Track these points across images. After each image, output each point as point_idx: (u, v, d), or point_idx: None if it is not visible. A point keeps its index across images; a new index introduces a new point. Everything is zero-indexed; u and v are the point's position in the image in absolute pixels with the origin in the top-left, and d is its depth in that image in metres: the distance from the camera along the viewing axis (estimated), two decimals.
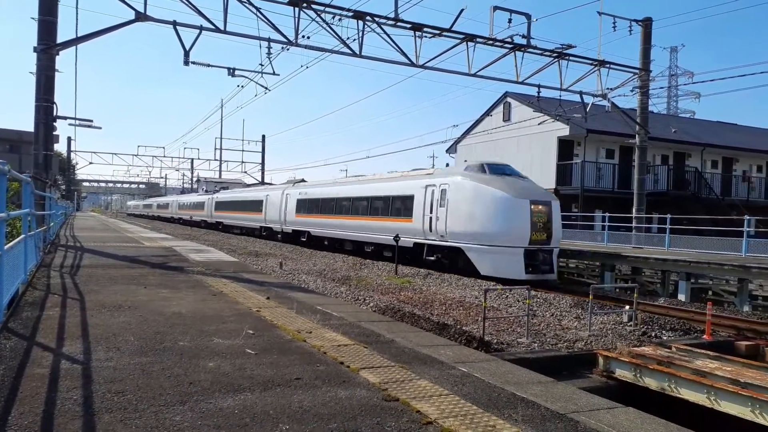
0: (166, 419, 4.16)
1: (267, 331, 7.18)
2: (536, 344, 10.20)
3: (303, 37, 16.65)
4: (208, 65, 19.24)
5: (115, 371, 5.27)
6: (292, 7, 15.67)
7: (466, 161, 27.08)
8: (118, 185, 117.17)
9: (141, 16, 14.97)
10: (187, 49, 15.83)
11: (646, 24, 19.75)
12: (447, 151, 42.72)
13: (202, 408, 4.41)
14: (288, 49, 17.62)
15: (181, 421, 4.15)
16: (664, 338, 11.27)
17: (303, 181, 37.25)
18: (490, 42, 17.06)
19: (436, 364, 5.76)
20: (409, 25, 16.40)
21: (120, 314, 7.97)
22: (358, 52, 16.56)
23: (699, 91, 64.64)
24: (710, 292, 17.88)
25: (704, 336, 11.40)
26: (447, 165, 34.12)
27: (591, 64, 18.36)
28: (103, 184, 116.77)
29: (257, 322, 7.73)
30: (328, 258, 23.75)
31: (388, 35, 16.44)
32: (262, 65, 18.52)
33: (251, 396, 4.71)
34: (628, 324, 11.98)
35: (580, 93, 18.92)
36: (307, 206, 30.84)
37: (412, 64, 16.95)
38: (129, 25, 15.32)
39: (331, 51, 16.76)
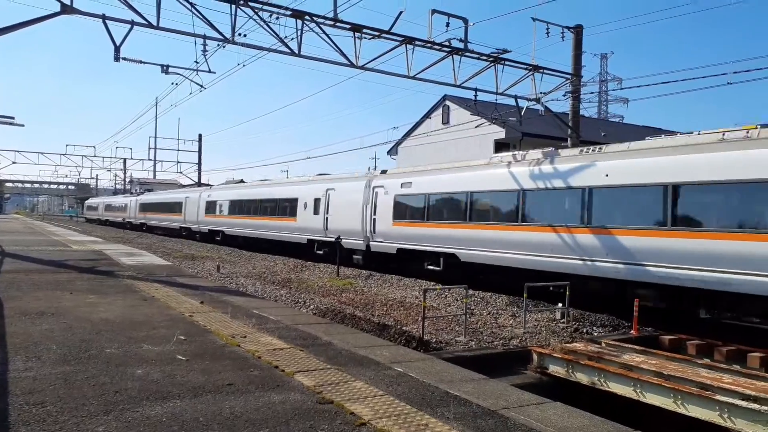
0: (88, 430, 3.98)
1: (199, 336, 6.99)
2: (474, 342, 10.38)
3: (240, 34, 16.29)
4: (140, 62, 18.54)
5: (34, 381, 5.00)
6: (228, 4, 15.31)
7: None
8: (45, 186, 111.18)
9: (67, 9, 14.24)
10: (118, 44, 15.20)
11: (578, 31, 20.48)
12: (388, 152, 42.92)
13: (128, 417, 4.24)
14: (224, 47, 17.23)
15: (105, 431, 3.97)
16: (595, 334, 11.69)
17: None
18: (429, 45, 17.22)
19: (372, 365, 5.77)
20: (348, 26, 16.33)
21: (42, 321, 7.58)
22: (296, 52, 16.35)
23: (627, 97, 67.86)
24: None
25: (632, 331, 11.91)
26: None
27: (525, 69, 18.84)
28: (28, 185, 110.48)
29: (190, 327, 7.52)
30: (268, 260, 23.38)
31: (327, 35, 16.31)
32: (197, 62, 17.99)
33: (181, 403, 4.57)
34: (561, 321, 12.37)
35: (515, 97, 19.37)
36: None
37: (352, 65, 16.90)
38: (53, 17, 14.56)
39: (269, 50, 16.47)
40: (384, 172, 21.44)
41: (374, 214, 19.96)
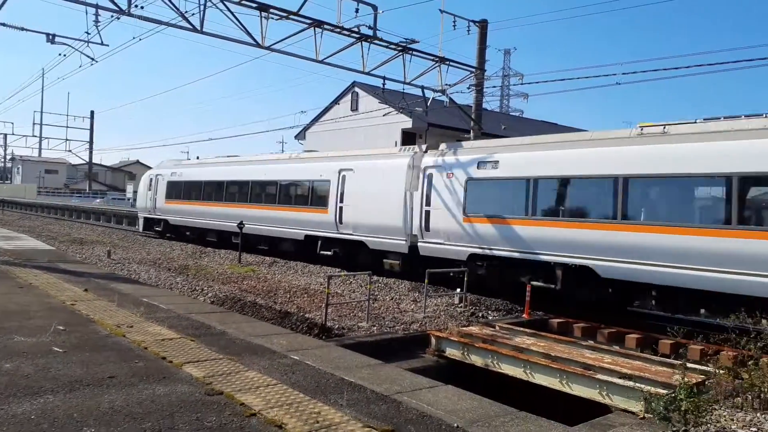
0: None
1: (81, 326, 6.51)
2: (375, 328, 10.47)
3: (137, 6, 15.29)
4: (22, 29, 17.02)
5: None
6: None
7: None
8: None
9: None
10: None
11: (483, 25, 21.03)
12: (296, 137, 42.35)
13: None
14: (119, 18, 16.12)
15: None
16: (490, 318, 12.17)
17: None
18: (338, 30, 17.00)
19: (267, 354, 5.63)
20: (255, 5, 15.76)
21: None
22: (199, 28, 15.58)
23: (527, 92, 70.78)
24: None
25: (524, 315, 12.50)
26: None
27: (432, 60, 19.09)
28: None
29: (70, 316, 6.99)
30: (164, 246, 22.29)
31: (232, 13, 15.68)
32: (88, 33, 16.73)
33: (54, 399, 4.22)
34: (459, 305, 12.76)
35: (422, 87, 19.61)
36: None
37: (258, 46, 16.34)
38: None
39: (169, 24, 15.52)
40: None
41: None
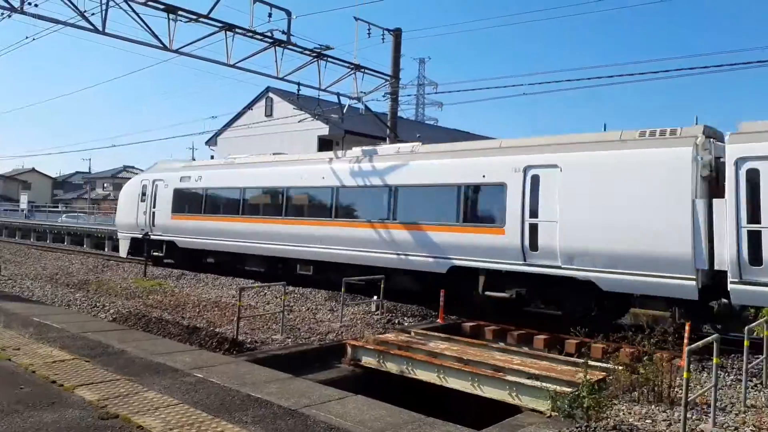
0: None
1: None
2: (290, 339, 10.27)
3: (30, 4, 14.30)
4: None
5: None
6: None
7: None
8: None
9: None
10: None
11: (397, 34, 21.33)
12: (207, 143, 41.12)
13: None
14: (11, 16, 15.00)
15: None
16: (406, 324, 12.27)
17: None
18: (250, 34, 16.67)
19: (169, 373, 5.34)
20: (162, 6, 15.14)
21: None
22: (100, 29, 14.77)
23: (442, 101, 72.31)
24: None
25: (438, 320, 12.70)
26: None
27: (348, 67, 19.13)
28: None
29: None
30: (62, 260, 20.86)
31: (137, 14, 14.98)
32: None
33: None
34: (376, 313, 12.79)
35: (338, 94, 19.61)
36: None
37: (166, 49, 15.70)
38: None
39: (66, 24, 14.59)
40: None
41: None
